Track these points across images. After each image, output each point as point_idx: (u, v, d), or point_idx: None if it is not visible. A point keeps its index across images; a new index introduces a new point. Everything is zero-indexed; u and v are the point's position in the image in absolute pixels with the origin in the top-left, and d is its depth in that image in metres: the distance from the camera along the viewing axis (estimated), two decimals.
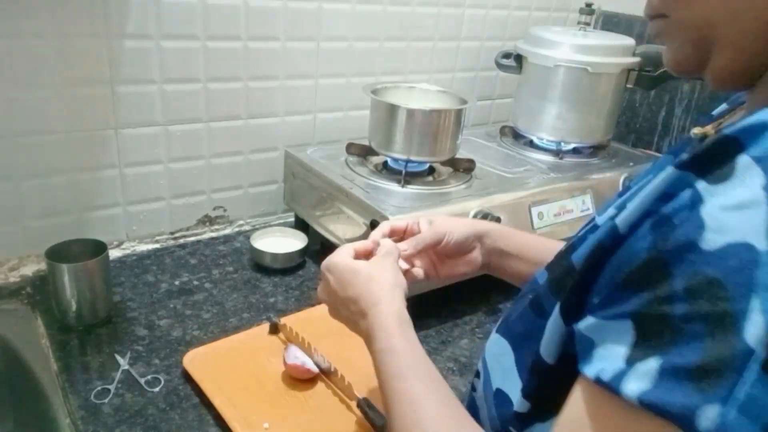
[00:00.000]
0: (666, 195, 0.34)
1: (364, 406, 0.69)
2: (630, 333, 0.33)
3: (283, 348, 0.78)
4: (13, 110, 0.88)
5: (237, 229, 1.18)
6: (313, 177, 1.06)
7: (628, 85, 1.23)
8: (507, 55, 1.28)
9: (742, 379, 0.28)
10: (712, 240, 0.30)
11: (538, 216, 1.03)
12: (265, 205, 1.21)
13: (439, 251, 0.69)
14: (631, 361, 0.33)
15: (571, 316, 0.41)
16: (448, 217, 0.72)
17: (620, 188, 1.14)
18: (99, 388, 0.73)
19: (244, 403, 0.71)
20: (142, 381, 0.75)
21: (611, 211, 0.42)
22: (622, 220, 0.37)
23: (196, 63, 1.02)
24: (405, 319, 0.54)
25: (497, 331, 0.51)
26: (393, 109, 0.99)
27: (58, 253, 0.82)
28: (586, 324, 0.37)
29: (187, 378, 0.76)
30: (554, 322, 0.42)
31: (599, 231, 0.40)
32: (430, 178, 1.06)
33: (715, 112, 0.55)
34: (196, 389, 0.74)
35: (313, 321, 0.86)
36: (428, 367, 0.50)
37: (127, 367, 0.77)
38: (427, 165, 1.07)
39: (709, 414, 0.29)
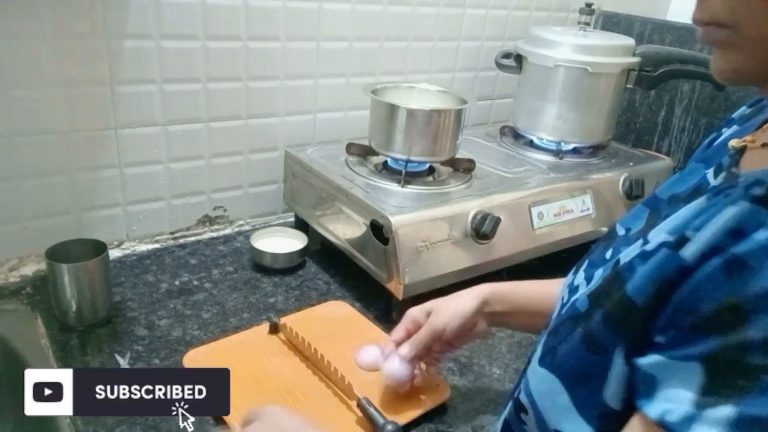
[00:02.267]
0: (737, 231, 0.33)
1: (365, 405, 0.69)
2: (699, 377, 0.32)
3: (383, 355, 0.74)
4: (13, 110, 0.88)
5: (237, 229, 1.18)
6: (313, 177, 1.06)
7: (628, 85, 1.23)
8: (507, 55, 1.28)
9: None
10: None
11: (538, 216, 1.03)
12: (265, 205, 1.21)
13: (442, 341, 0.71)
14: (700, 407, 0.31)
15: (635, 354, 0.39)
16: (447, 302, 0.72)
17: (620, 188, 1.14)
18: None
19: (244, 403, 0.71)
20: None
21: (663, 236, 0.39)
22: (690, 255, 0.35)
23: (196, 63, 1.02)
24: None
25: (542, 365, 0.47)
26: (393, 109, 0.99)
27: (58, 253, 0.82)
28: (650, 361, 0.36)
29: None
30: (618, 366, 0.40)
31: (657, 261, 0.38)
32: (430, 178, 1.06)
33: (736, 115, 0.54)
34: None
35: (313, 321, 0.86)
36: None
37: (127, 367, 0.77)
38: (427, 165, 1.07)
39: None
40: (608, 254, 0.50)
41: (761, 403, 0.29)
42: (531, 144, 1.29)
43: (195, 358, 0.78)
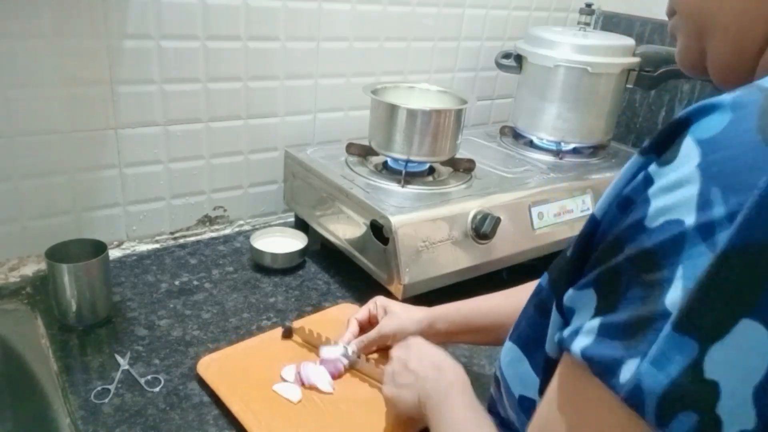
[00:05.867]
0: (632, 179, 0.37)
1: None
2: (594, 300, 0.36)
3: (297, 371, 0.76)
4: (13, 110, 0.88)
5: (237, 229, 1.18)
6: (313, 177, 1.06)
7: (628, 85, 1.23)
8: (507, 55, 1.28)
9: (658, 337, 0.31)
10: (654, 218, 0.33)
11: (538, 216, 1.03)
12: (265, 205, 1.21)
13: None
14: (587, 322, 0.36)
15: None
16: (401, 311, 0.79)
17: None
18: (99, 388, 0.73)
19: (261, 408, 0.70)
20: (142, 381, 0.75)
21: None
22: (598, 208, 0.39)
23: (196, 63, 1.02)
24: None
25: (510, 339, 0.52)
26: (393, 109, 0.99)
27: (58, 253, 0.82)
28: (567, 295, 0.40)
29: (202, 384, 0.75)
30: (553, 316, 0.43)
31: (586, 221, 0.42)
32: (430, 178, 1.06)
33: None
34: (213, 396, 0.73)
35: (324, 323, 0.85)
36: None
37: (127, 367, 0.77)
38: (427, 165, 1.07)
39: (630, 366, 0.32)
40: None
41: (620, 311, 0.34)
42: (531, 144, 1.29)
43: (210, 365, 0.76)
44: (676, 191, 0.33)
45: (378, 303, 0.82)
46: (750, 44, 0.40)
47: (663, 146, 0.35)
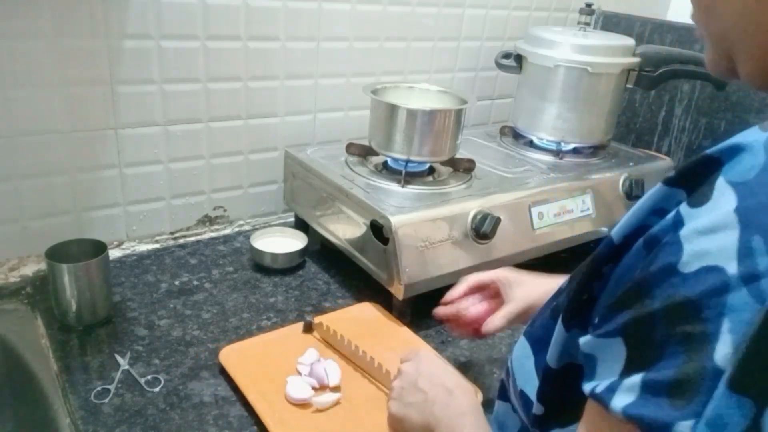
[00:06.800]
0: (659, 210, 0.36)
1: None
2: (623, 350, 0.34)
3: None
4: (13, 110, 0.88)
5: (237, 229, 1.18)
6: (313, 177, 1.06)
7: (628, 85, 1.23)
8: (507, 55, 1.28)
9: (712, 396, 0.30)
10: (688, 263, 0.32)
11: (538, 216, 1.03)
12: (265, 205, 1.21)
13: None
14: (622, 376, 0.34)
15: (572, 324, 0.42)
16: (524, 279, 0.76)
17: (620, 188, 1.14)
18: (99, 388, 0.73)
19: (277, 399, 0.72)
20: (142, 381, 0.75)
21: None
22: (615, 232, 0.38)
23: (196, 63, 1.02)
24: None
25: (524, 334, 0.52)
26: (393, 109, 0.99)
27: (58, 253, 0.82)
28: (585, 341, 0.38)
29: (223, 373, 0.77)
30: (558, 328, 0.43)
31: (603, 242, 0.41)
32: (430, 178, 1.06)
33: None
34: (231, 384, 0.75)
35: (344, 321, 0.86)
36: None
37: (127, 367, 0.77)
38: (427, 165, 1.07)
39: (684, 429, 0.30)
40: None
41: (663, 367, 0.32)
42: (531, 144, 1.29)
43: (230, 355, 0.79)
44: (714, 236, 0.31)
45: (503, 278, 0.77)
46: None
47: (691, 182, 0.34)
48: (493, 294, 0.78)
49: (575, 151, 1.26)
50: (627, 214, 0.38)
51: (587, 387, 0.36)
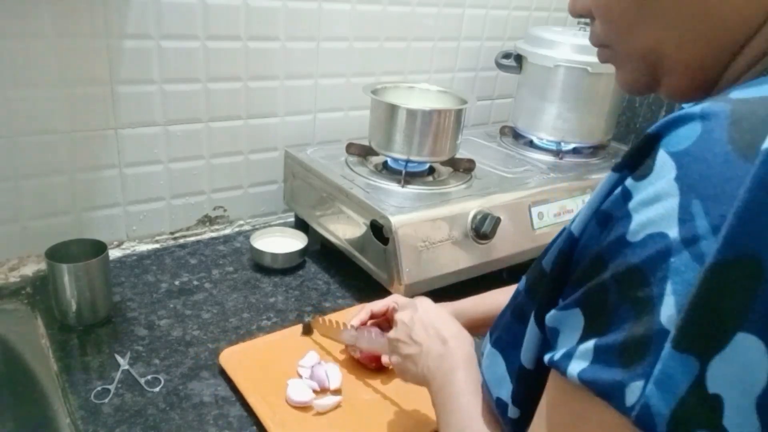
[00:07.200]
0: (608, 195, 0.37)
1: None
2: (581, 320, 0.36)
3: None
4: (13, 110, 0.88)
5: (237, 229, 1.18)
6: (313, 177, 1.06)
7: None
8: (507, 55, 1.28)
9: (659, 356, 0.31)
10: (636, 232, 0.33)
11: (538, 216, 1.03)
12: (265, 205, 1.21)
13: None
14: (578, 343, 0.36)
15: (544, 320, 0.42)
16: (420, 302, 0.74)
17: None
18: (99, 388, 0.73)
19: (278, 402, 0.72)
20: (142, 381, 0.75)
21: (572, 217, 0.44)
22: (575, 225, 0.39)
23: (196, 63, 1.02)
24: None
25: (489, 342, 0.52)
26: (393, 109, 0.99)
27: (58, 253, 0.82)
28: (549, 315, 0.40)
29: (223, 374, 0.77)
30: (531, 328, 0.43)
31: (561, 236, 0.42)
32: (430, 178, 1.06)
33: None
34: (231, 384, 0.75)
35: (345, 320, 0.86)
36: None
37: (127, 367, 0.77)
38: (427, 165, 1.07)
39: (634, 388, 0.31)
40: None
41: (613, 331, 0.33)
42: (531, 144, 1.29)
43: (230, 358, 0.78)
44: (657, 204, 0.33)
45: (398, 301, 0.78)
46: (711, 73, 0.40)
47: (636, 161, 0.35)
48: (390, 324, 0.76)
49: (575, 151, 1.26)
50: (583, 207, 0.39)
51: (547, 356, 0.38)
